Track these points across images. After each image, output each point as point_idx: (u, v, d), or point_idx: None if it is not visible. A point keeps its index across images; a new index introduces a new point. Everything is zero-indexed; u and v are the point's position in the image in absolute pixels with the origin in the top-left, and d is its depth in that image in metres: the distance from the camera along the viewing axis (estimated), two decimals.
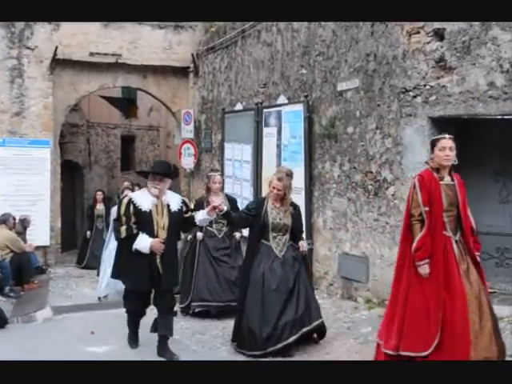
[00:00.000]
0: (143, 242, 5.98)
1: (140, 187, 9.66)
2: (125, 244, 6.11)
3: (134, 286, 6.13)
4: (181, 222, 6.25)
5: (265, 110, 10.49)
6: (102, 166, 19.56)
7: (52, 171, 13.07)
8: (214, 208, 6.07)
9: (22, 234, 11.44)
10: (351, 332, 6.83)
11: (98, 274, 10.70)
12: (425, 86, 7.26)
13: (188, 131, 13.73)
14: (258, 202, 6.62)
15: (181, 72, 14.17)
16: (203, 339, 6.99)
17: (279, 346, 5.98)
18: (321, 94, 9.05)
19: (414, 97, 7.32)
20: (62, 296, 9.85)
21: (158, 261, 6.01)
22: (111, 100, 18.44)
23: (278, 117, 10.04)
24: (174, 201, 6.24)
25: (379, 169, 7.81)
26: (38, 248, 12.19)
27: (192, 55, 13.71)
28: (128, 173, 19.55)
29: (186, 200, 6.55)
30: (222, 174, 9.51)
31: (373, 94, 7.91)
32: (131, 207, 6.07)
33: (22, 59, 12.81)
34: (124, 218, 6.04)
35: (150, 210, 6.05)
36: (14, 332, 7.54)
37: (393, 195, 7.58)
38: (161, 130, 20.72)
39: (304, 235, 7.01)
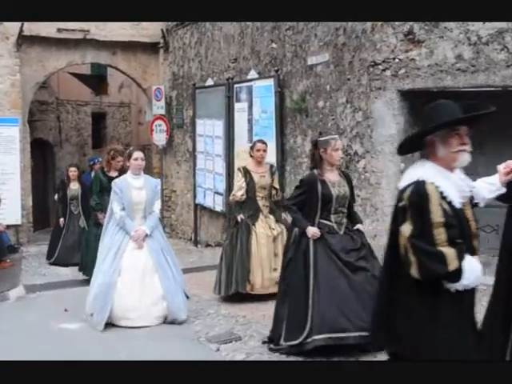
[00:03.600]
0: (476, 270, 3.15)
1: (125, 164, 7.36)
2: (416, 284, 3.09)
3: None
4: None
5: (236, 85, 10.46)
6: (72, 143, 19.39)
7: (21, 149, 12.91)
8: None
9: None
10: None
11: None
12: (394, 59, 7.29)
13: (159, 107, 13.65)
14: None
15: (151, 48, 14.03)
16: None
17: None
18: (291, 69, 9.04)
19: (384, 70, 7.35)
20: (36, 274, 9.82)
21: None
22: (81, 77, 18.21)
23: (248, 92, 10.03)
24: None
25: (350, 142, 7.86)
26: (9, 227, 12.08)
27: (162, 30, 13.57)
28: (99, 150, 19.40)
29: None
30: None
31: (343, 68, 7.93)
32: (443, 204, 3.08)
33: None
34: (442, 231, 3.04)
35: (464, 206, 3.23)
36: None
37: (364, 168, 7.65)
38: (132, 107, 20.54)
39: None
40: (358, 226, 5.46)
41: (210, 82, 11.62)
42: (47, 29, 12.96)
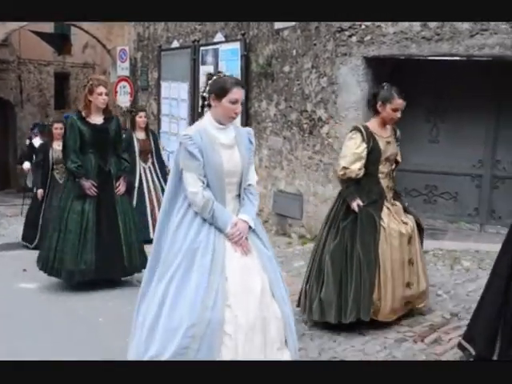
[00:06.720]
0: None
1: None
2: None
3: None
4: None
5: (202, 48, 10.35)
6: (34, 104, 19.04)
7: None
8: None
9: None
10: (284, 266, 6.97)
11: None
12: (360, 25, 7.30)
13: (124, 69, 13.47)
14: None
15: None
16: None
17: None
18: (258, 33, 8.97)
19: (350, 36, 7.36)
20: None
21: None
22: (43, 35, 17.76)
23: (214, 55, 9.93)
24: None
25: (314, 108, 7.88)
26: None
27: None
28: (62, 111, 19.09)
29: None
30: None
31: (309, 33, 7.90)
32: None
33: None
34: None
35: None
36: None
37: (327, 134, 7.69)
38: (96, 68, 20.21)
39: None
40: None
41: (175, 44, 11.47)
42: None
